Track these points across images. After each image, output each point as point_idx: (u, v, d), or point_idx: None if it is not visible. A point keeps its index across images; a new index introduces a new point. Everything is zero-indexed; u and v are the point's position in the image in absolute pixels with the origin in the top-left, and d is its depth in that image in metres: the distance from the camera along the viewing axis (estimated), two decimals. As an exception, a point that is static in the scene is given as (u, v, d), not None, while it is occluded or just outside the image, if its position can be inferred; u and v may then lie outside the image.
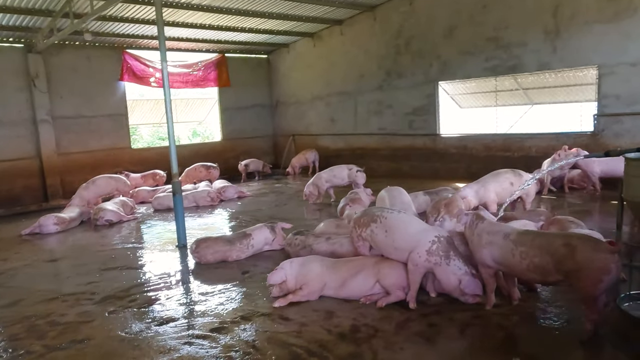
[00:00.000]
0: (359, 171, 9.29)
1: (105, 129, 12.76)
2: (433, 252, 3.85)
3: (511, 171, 6.54)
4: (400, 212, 4.25)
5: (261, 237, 5.81)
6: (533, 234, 3.56)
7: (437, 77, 11.33)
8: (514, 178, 6.43)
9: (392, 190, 5.60)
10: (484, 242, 3.70)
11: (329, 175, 9.37)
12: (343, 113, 13.80)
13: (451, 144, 11.30)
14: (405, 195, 5.25)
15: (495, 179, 6.42)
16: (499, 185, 6.34)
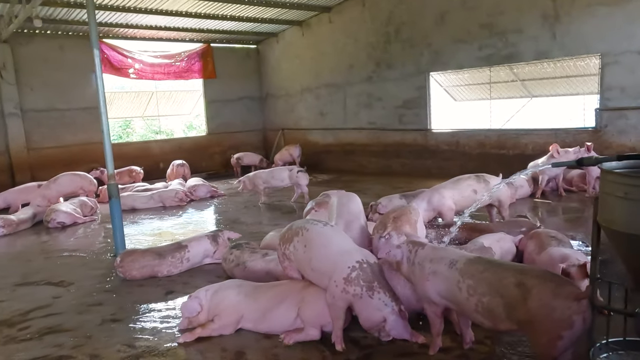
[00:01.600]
0: (300, 172, 8.60)
1: (81, 123, 12.15)
2: (352, 281, 3.09)
3: (474, 177, 5.70)
4: (326, 225, 3.49)
5: (199, 249, 5.10)
6: (485, 264, 2.78)
7: (428, 67, 10.47)
8: (477, 185, 5.59)
9: (342, 196, 4.84)
10: (426, 273, 2.93)
11: (267, 177, 8.76)
12: (332, 106, 13.01)
13: (443, 140, 10.46)
14: (356, 202, 4.47)
15: (455, 185, 5.62)
16: (458, 192, 5.52)
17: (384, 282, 3.21)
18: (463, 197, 5.51)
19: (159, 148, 13.63)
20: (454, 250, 3.01)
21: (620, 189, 2.25)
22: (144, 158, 12.94)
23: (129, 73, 12.81)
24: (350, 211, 4.28)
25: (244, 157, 13.70)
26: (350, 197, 4.66)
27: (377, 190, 9.17)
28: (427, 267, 2.93)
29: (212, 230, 5.47)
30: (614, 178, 2.31)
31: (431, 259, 2.96)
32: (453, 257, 2.88)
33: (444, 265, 2.86)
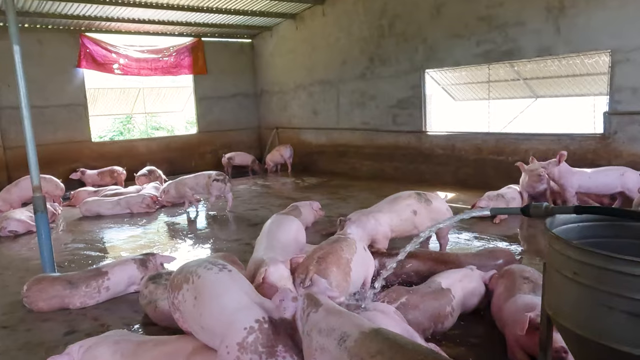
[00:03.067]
0: (215, 180, 7.93)
1: (61, 121, 11.66)
2: (248, 347, 2.36)
3: (415, 195, 4.83)
4: (222, 270, 2.75)
5: (122, 276, 4.44)
6: (381, 342, 1.99)
7: (423, 64, 9.61)
8: (418, 205, 4.73)
9: (278, 219, 4.09)
10: (314, 347, 2.19)
11: (192, 183, 8.13)
12: (325, 104, 12.24)
13: (438, 144, 9.61)
14: (291, 230, 3.72)
15: (392, 206, 4.73)
16: (396, 215, 4.66)
17: (290, 343, 2.48)
18: (402, 221, 4.67)
19: (145, 147, 13.07)
20: (354, 317, 2.23)
21: (568, 265, 1.50)
22: (129, 158, 12.40)
23: (113, 69, 12.25)
24: (280, 239, 3.55)
25: (236, 157, 13.08)
26: (284, 221, 3.92)
27: (362, 199, 8.42)
28: (314, 339, 2.19)
29: (141, 253, 4.79)
30: (561, 248, 1.55)
31: (320, 330, 2.21)
32: (345, 330, 2.13)
33: (333, 340, 2.11)
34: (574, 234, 1.95)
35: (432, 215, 4.74)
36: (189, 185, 8.08)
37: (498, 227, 6.33)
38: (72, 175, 11.00)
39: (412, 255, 4.31)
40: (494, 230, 6.22)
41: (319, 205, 6.61)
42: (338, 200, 8.55)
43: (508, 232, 6.12)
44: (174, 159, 13.28)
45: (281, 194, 9.46)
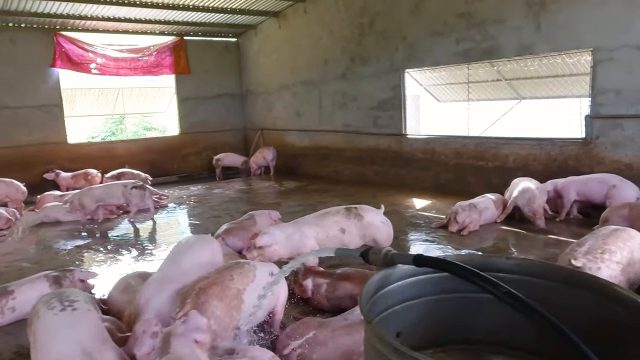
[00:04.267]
0: (134, 188, 7.54)
1: (36, 122, 11.36)
2: None
3: (344, 211, 4.35)
4: (65, 310, 2.35)
5: (31, 295, 4.01)
6: None
7: (403, 64, 9.15)
8: (347, 222, 4.26)
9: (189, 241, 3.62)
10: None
11: (102, 193, 7.59)
12: (308, 106, 11.82)
13: (418, 147, 9.14)
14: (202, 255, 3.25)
15: (319, 221, 4.28)
16: (323, 231, 4.20)
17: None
18: (328, 238, 4.22)
19: (124, 149, 12.74)
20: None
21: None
22: (107, 159, 12.06)
23: (90, 68, 11.94)
24: (183, 267, 3.11)
25: (225, 158, 12.77)
26: (193, 243, 3.46)
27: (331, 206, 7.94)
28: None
29: (58, 269, 4.39)
30: (380, 345, 1.15)
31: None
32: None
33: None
34: (417, 289, 1.54)
35: (365, 232, 4.30)
36: (97, 196, 7.55)
37: (472, 238, 5.85)
38: (46, 175, 10.72)
39: (345, 277, 3.89)
40: (469, 241, 5.75)
41: (279, 215, 6.20)
42: (308, 207, 8.11)
43: (483, 244, 5.64)
44: (155, 161, 12.94)
45: (252, 200, 9.05)
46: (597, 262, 2.81)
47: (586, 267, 2.80)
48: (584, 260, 2.82)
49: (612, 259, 2.83)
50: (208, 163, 13.53)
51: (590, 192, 5.89)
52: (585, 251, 2.91)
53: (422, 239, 5.97)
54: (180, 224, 7.59)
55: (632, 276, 2.97)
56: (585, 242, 3.01)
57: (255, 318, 2.89)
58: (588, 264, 2.81)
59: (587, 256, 2.86)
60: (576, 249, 3.00)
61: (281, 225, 4.27)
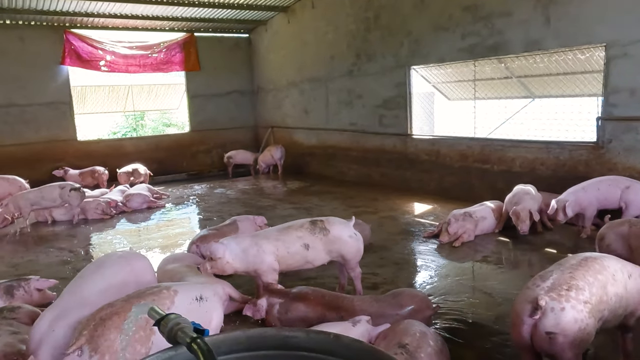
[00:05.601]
0: (72, 190, 7.42)
1: (44, 119, 11.43)
2: None
3: (308, 224, 3.98)
4: None
5: (-21, 306, 3.90)
6: None
7: (407, 60, 8.70)
8: (311, 238, 3.91)
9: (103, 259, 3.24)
10: None
11: (36, 197, 7.37)
12: (316, 103, 11.49)
13: (423, 149, 8.69)
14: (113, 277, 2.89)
15: (281, 235, 3.95)
16: (283, 246, 3.87)
17: None
18: (290, 254, 3.89)
19: (133, 146, 12.72)
20: None
21: None
22: (116, 157, 12.04)
23: (99, 66, 11.94)
24: (83, 293, 2.77)
25: (236, 155, 12.57)
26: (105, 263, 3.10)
27: (328, 211, 7.64)
28: None
29: (11, 278, 4.23)
30: None
31: None
32: None
33: None
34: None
35: (331, 247, 3.95)
36: (31, 200, 7.35)
37: (463, 250, 5.42)
38: (55, 172, 10.74)
39: (300, 297, 3.56)
40: (459, 253, 5.32)
41: (264, 221, 5.93)
42: (303, 211, 7.81)
43: (474, 257, 5.21)
44: (164, 158, 12.87)
45: (249, 202, 8.80)
46: (562, 302, 2.40)
47: (549, 306, 2.40)
48: (547, 299, 2.41)
49: (578, 298, 2.40)
50: (218, 161, 13.40)
51: (605, 198, 5.35)
52: (549, 287, 2.50)
53: (409, 250, 5.57)
54: (170, 225, 7.41)
55: (606, 314, 2.53)
56: (550, 276, 2.59)
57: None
58: (551, 303, 2.41)
59: (550, 293, 2.45)
60: (539, 283, 2.58)
61: (238, 237, 3.98)
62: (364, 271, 4.73)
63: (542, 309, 2.42)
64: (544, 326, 2.44)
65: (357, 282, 4.17)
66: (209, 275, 3.92)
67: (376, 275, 4.73)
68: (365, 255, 5.11)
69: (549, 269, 2.70)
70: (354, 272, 4.12)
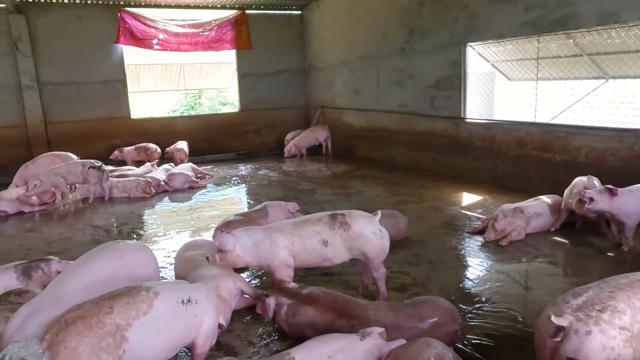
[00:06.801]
0: (91, 167, 7.56)
1: (99, 97, 11.72)
2: None
3: (328, 218, 3.60)
4: None
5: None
6: None
7: (463, 36, 7.97)
8: (330, 233, 3.53)
9: (95, 251, 2.99)
10: None
11: (64, 172, 7.56)
12: (366, 83, 10.97)
13: (476, 134, 7.99)
14: (101, 271, 2.61)
15: (296, 229, 3.59)
16: (299, 241, 3.54)
17: None
18: (306, 250, 3.54)
19: (184, 125, 12.82)
20: None
21: None
22: (167, 135, 12.20)
23: (152, 44, 12.03)
24: (66, 286, 2.56)
25: (295, 137, 12.22)
26: (93, 257, 2.88)
27: (368, 199, 7.25)
28: None
29: (30, 260, 4.20)
30: None
31: None
32: None
33: None
34: None
35: (352, 244, 3.56)
36: (62, 174, 7.56)
37: (509, 251, 4.85)
38: (112, 157, 10.92)
39: (310, 300, 3.23)
40: (505, 254, 4.76)
41: (296, 207, 5.65)
42: (342, 197, 7.45)
43: (519, 259, 4.63)
44: (214, 138, 12.90)
45: (289, 185, 8.54)
46: (589, 324, 1.94)
47: (572, 328, 1.95)
48: (571, 319, 1.96)
49: (613, 322, 1.92)
50: (267, 140, 13.29)
51: None
52: (579, 305, 2.03)
53: (448, 247, 5.06)
54: (207, 207, 7.29)
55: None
56: (585, 292, 2.13)
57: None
58: (576, 325, 1.95)
59: (578, 312, 1.99)
60: (569, 300, 2.12)
61: (251, 229, 3.69)
62: (394, 269, 4.35)
63: (565, 331, 1.96)
64: (565, 351, 2.05)
65: (381, 284, 3.77)
66: (222, 267, 3.68)
67: (406, 275, 4.30)
68: (398, 250, 4.76)
69: (586, 286, 2.20)
70: (377, 272, 3.72)
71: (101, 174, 7.66)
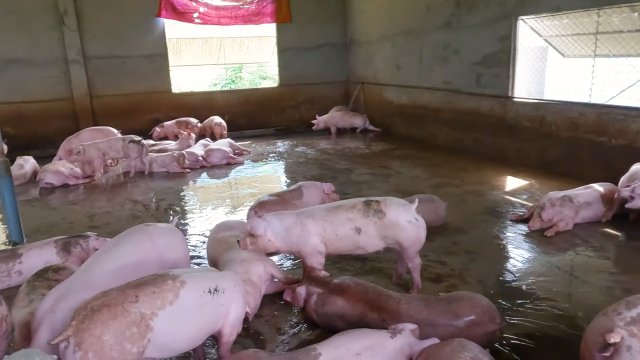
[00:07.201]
0: (131, 142, 7.69)
1: (142, 71, 11.84)
2: None
3: (362, 207, 3.45)
4: None
5: (37, 261, 4.01)
6: None
7: (516, 9, 7.46)
8: (364, 221, 3.40)
9: (124, 235, 3.04)
10: None
11: (105, 146, 7.69)
12: (408, 58, 10.57)
13: (525, 114, 7.55)
14: (130, 255, 2.73)
15: (329, 215, 3.46)
16: (331, 228, 3.40)
17: None
18: (338, 237, 3.42)
19: (223, 99, 12.83)
20: None
21: None
22: (207, 109, 12.24)
23: (193, 18, 11.98)
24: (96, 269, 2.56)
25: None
26: (124, 241, 2.86)
27: (406, 180, 7.04)
28: None
29: (69, 236, 4.30)
30: None
31: None
32: None
33: None
34: None
35: (386, 233, 3.42)
36: (102, 149, 7.70)
37: (555, 242, 4.57)
38: (154, 135, 10.99)
39: (340, 290, 3.13)
40: (549, 246, 4.49)
41: (332, 188, 5.54)
42: (380, 178, 7.27)
43: (563, 252, 4.36)
44: (253, 112, 12.87)
45: (326, 163, 8.40)
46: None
47: (625, 344, 1.76)
48: (624, 333, 1.77)
49: None
50: (307, 116, 13.13)
51: None
52: (634, 318, 1.83)
53: (489, 235, 4.82)
54: (233, 183, 7.29)
55: None
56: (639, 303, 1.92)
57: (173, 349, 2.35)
58: (629, 340, 1.76)
59: (631, 327, 1.79)
60: (622, 311, 1.92)
61: (283, 214, 3.60)
62: (430, 257, 4.19)
63: (616, 346, 1.78)
64: (615, 368, 1.82)
65: (416, 274, 3.63)
66: (253, 251, 3.62)
67: (442, 265, 4.12)
68: (435, 237, 4.57)
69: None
70: (412, 262, 3.57)
71: (141, 148, 7.77)
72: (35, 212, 6.17)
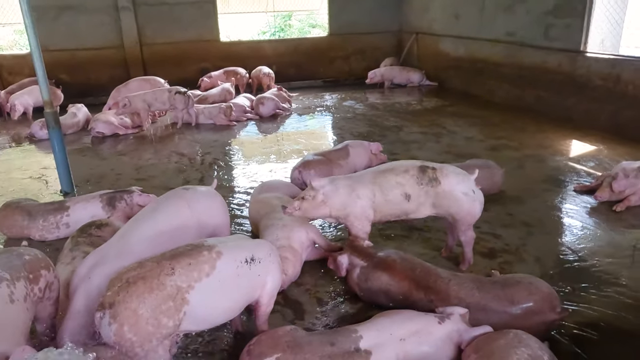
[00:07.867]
0: (177, 93, 7.61)
1: (190, 19, 11.63)
2: None
3: (416, 171, 3.17)
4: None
5: (84, 214, 4.05)
6: None
7: (597, -50, 6.61)
8: (416, 188, 3.13)
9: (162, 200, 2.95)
10: None
11: (151, 98, 7.63)
12: (468, 6, 9.77)
13: (597, 71, 6.84)
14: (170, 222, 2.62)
15: (377, 178, 3.20)
16: (380, 191, 3.16)
17: None
18: (387, 202, 3.17)
19: (272, 49, 12.49)
20: None
21: None
22: (255, 59, 11.98)
23: (241, -38, 11.55)
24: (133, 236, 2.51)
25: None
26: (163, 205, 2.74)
27: (461, 140, 6.66)
28: None
29: (114, 190, 4.29)
30: None
31: None
32: None
33: None
34: None
35: (439, 202, 3.16)
36: (148, 100, 7.60)
37: (624, 218, 4.15)
38: (202, 85, 10.89)
39: (385, 266, 2.94)
40: (619, 221, 4.09)
41: (379, 148, 5.32)
42: (431, 136, 6.90)
43: (633, 230, 3.96)
44: (302, 63, 12.49)
45: (374, 119, 8.05)
46: None
47: None
48: None
49: None
50: (356, 68, 12.63)
51: None
52: None
53: (550, 207, 4.44)
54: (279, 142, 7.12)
55: None
56: None
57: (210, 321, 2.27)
58: None
59: None
60: None
61: (333, 178, 3.37)
62: (483, 229, 3.91)
63: None
64: None
65: (467, 249, 3.38)
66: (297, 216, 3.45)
67: (497, 239, 3.84)
68: (490, 206, 4.24)
69: None
70: (465, 235, 3.32)
71: (187, 99, 7.70)
72: (86, 162, 6.28)
